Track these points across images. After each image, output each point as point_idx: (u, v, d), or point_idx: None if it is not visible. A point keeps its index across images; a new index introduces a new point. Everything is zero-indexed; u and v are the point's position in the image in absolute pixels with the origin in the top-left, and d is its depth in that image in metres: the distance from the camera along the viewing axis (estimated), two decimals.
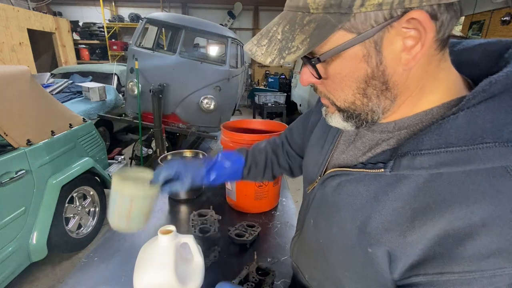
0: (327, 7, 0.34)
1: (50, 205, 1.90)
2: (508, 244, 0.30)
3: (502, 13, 5.01)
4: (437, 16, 0.33)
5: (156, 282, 0.53)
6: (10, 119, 1.74)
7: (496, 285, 0.30)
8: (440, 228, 0.33)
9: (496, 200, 0.31)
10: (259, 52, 0.38)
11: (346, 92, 0.39)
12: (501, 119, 0.31)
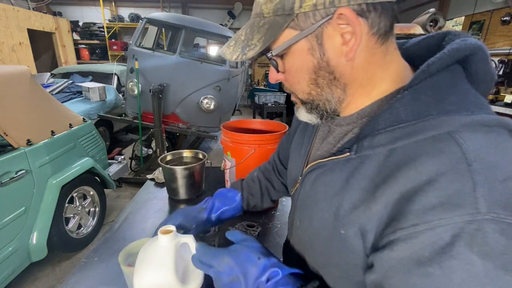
0: (276, 10, 0.42)
1: (50, 205, 1.90)
2: (449, 197, 0.32)
3: (502, 13, 5.01)
4: (365, 14, 0.39)
5: (156, 282, 0.53)
6: (10, 119, 1.74)
7: (440, 235, 0.32)
8: (396, 192, 0.36)
9: (439, 159, 0.34)
10: (228, 51, 0.46)
11: (302, 84, 0.46)
12: (442, 93, 0.37)
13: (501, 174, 0.32)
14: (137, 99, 3.40)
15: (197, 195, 1.33)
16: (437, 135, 0.35)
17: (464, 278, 0.30)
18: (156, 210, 1.21)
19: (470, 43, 0.40)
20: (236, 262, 0.47)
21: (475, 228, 0.30)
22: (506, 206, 0.30)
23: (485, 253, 0.30)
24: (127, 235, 1.03)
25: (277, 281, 0.44)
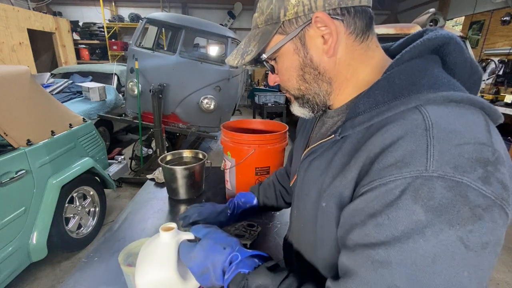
0: (266, 21, 0.50)
1: (50, 205, 1.90)
2: (404, 156, 0.35)
3: (502, 13, 5.01)
4: (339, 16, 0.45)
5: (158, 278, 0.54)
6: (10, 119, 1.74)
7: (391, 190, 0.35)
8: (365, 157, 0.40)
9: (402, 126, 0.38)
10: (231, 59, 0.54)
11: (292, 80, 0.52)
12: (414, 76, 0.42)
13: (456, 139, 0.34)
14: (137, 99, 3.40)
15: (197, 195, 1.33)
16: (406, 109, 0.39)
17: (408, 228, 0.33)
18: (156, 210, 1.21)
19: (441, 34, 0.44)
20: (204, 256, 0.53)
21: (421, 183, 0.33)
22: (456, 166, 0.33)
23: (430, 206, 0.33)
24: (127, 235, 1.03)
25: (237, 263, 0.50)
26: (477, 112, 0.38)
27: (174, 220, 1.16)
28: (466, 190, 0.33)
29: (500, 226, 0.34)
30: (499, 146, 0.36)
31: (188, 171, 1.25)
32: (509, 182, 0.35)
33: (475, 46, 5.56)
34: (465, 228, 0.32)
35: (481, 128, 0.36)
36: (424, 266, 0.33)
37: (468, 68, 0.46)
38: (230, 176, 1.19)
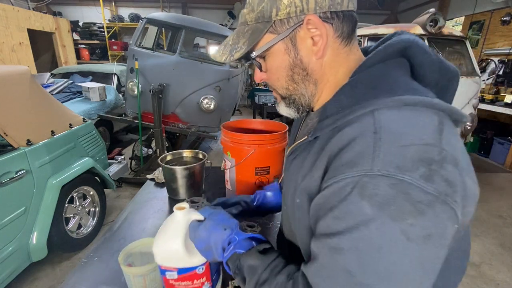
0: (257, 19, 0.50)
1: (50, 205, 1.90)
2: (354, 157, 0.39)
3: (502, 13, 5.01)
4: (330, 20, 0.47)
5: (168, 249, 0.62)
6: (10, 119, 1.74)
7: (343, 187, 0.39)
8: (327, 156, 0.44)
9: (356, 128, 0.42)
10: (218, 54, 0.54)
11: (281, 80, 0.54)
12: (375, 81, 0.46)
13: (402, 141, 0.38)
14: (137, 99, 3.40)
15: (197, 195, 1.33)
16: (363, 113, 0.43)
17: (357, 220, 0.37)
18: (156, 210, 1.21)
19: (402, 39, 0.48)
20: (207, 235, 0.58)
21: (367, 181, 0.37)
22: (399, 166, 0.36)
23: (375, 202, 0.36)
24: (127, 235, 1.03)
25: (235, 244, 0.54)
26: (431, 114, 0.41)
27: None
28: (408, 187, 0.36)
29: (444, 220, 0.36)
30: (449, 146, 0.39)
31: (188, 171, 1.25)
32: (457, 180, 0.38)
33: (475, 46, 5.56)
34: (406, 221, 0.35)
35: (430, 130, 0.39)
36: (371, 254, 0.36)
37: (436, 69, 0.48)
38: (230, 176, 1.19)
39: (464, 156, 0.41)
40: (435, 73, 0.48)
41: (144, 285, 0.73)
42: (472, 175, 0.42)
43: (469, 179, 0.40)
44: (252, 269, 0.50)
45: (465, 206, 0.39)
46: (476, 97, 3.10)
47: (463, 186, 0.38)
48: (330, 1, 0.46)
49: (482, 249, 2.45)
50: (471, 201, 0.40)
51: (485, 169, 4.22)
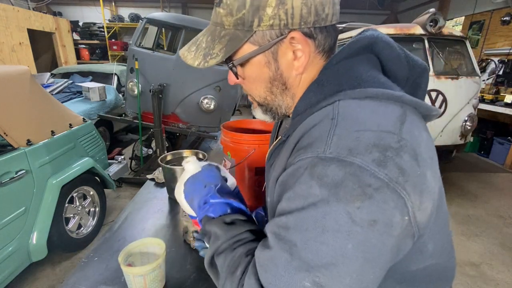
0: (236, 25, 0.46)
1: (50, 205, 1.90)
2: (312, 141, 0.40)
3: (502, 13, 5.01)
4: (313, 35, 0.46)
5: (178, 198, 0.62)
6: (10, 119, 1.74)
7: (298, 168, 0.40)
8: (294, 143, 0.45)
9: (316, 117, 0.43)
10: (189, 56, 0.50)
11: (259, 90, 0.52)
12: (340, 77, 0.46)
13: (357, 126, 0.38)
14: (137, 99, 3.39)
15: None
16: (327, 104, 0.44)
17: (305, 199, 0.38)
18: (156, 210, 1.21)
19: (366, 35, 0.48)
20: (190, 189, 0.59)
21: (317, 162, 0.38)
22: (351, 149, 0.37)
23: (324, 183, 0.36)
24: (127, 235, 1.03)
25: (209, 206, 0.54)
26: (394, 106, 0.41)
27: (173, 220, 1.16)
28: (357, 170, 0.36)
29: (392, 208, 0.36)
30: (410, 136, 0.39)
31: None
32: (414, 171, 0.37)
33: (475, 46, 5.56)
34: (353, 204, 0.35)
35: (391, 119, 0.39)
36: (315, 234, 0.36)
37: (404, 63, 0.48)
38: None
39: (428, 150, 0.41)
40: (403, 68, 0.48)
41: (144, 285, 0.73)
42: (435, 170, 0.41)
43: (430, 173, 0.39)
44: (215, 237, 0.50)
45: (422, 202, 0.38)
46: (476, 97, 3.10)
47: (422, 179, 0.38)
48: (316, 17, 0.44)
49: (482, 249, 2.45)
50: (429, 196, 0.39)
51: (485, 169, 4.22)
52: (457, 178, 3.84)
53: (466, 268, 2.23)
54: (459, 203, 3.19)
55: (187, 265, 0.88)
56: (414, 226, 0.38)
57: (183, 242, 0.99)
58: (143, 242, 0.81)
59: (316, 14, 0.44)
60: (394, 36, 2.96)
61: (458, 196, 3.36)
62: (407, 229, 0.38)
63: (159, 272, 0.75)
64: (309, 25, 0.45)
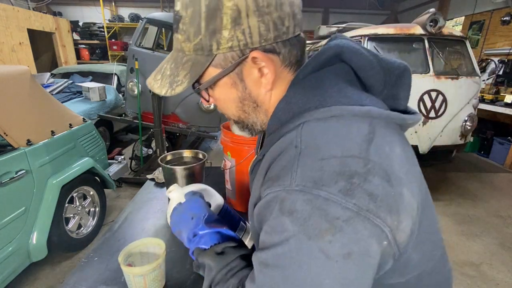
0: (195, 50, 0.45)
1: (50, 205, 1.90)
2: (279, 171, 0.40)
3: (502, 13, 5.01)
4: (276, 51, 0.45)
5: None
6: (10, 119, 1.74)
7: (269, 203, 0.40)
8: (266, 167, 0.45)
9: (282, 143, 0.43)
10: (156, 85, 0.49)
11: (232, 109, 0.52)
12: (307, 94, 0.44)
13: (320, 154, 0.37)
14: (137, 99, 3.39)
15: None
16: (294, 126, 0.43)
17: (280, 236, 0.37)
18: (156, 210, 1.21)
19: (330, 46, 0.46)
20: (177, 220, 0.59)
21: (285, 197, 0.37)
22: (316, 180, 0.36)
23: (294, 218, 0.36)
24: (127, 235, 1.03)
25: (199, 238, 0.54)
26: (361, 123, 0.40)
27: None
28: (324, 203, 0.35)
29: (366, 237, 0.35)
30: (379, 156, 0.37)
31: (188, 171, 1.24)
32: (386, 193, 0.36)
33: (475, 46, 5.56)
34: (324, 239, 0.34)
35: (356, 141, 0.38)
36: (292, 271, 0.36)
37: (378, 69, 0.45)
38: (230, 176, 1.19)
39: (403, 165, 0.39)
40: (377, 74, 0.45)
41: (144, 285, 0.73)
42: (411, 186, 0.39)
43: (406, 191, 0.38)
44: (208, 269, 0.51)
45: (400, 222, 0.37)
46: (476, 97, 3.10)
47: (397, 199, 0.36)
48: (276, 32, 0.43)
49: (482, 249, 2.45)
50: (408, 214, 0.38)
51: (485, 169, 4.22)
52: (457, 178, 3.84)
53: (466, 268, 2.23)
54: (459, 203, 3.19)
55: (187, 265, 0.89)
56: (394, 247, 0.38)
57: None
58: (143, 242, 0.81)
59: (276, 29, 0.43)
60: (394, 36, 2.97)
61: (458, 196, 3.35)
62: (386, 251, 0.37)
63: (159, 272, 0.75)
64: (270, 41, 0.43)
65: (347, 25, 4.13)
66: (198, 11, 0.42)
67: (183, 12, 0.43)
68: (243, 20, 0.41)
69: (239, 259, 0.50)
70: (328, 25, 4.79)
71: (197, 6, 0.42)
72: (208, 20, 0.42)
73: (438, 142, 3.00)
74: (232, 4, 0.40)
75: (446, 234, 2.64)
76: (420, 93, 2.83)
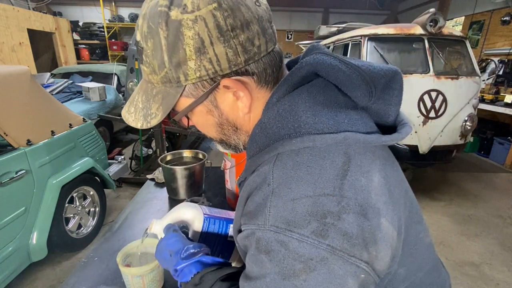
0: (164, 82, 0.43)
1: (50, 205, 1.90)
2: (254, 208, 0.40)
3: (502, 13, 5.01)
4: (250, 72, 0.42)
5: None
6: (10, 119, 1.74)
7: (247, 237, 0.40)
8: (246, 197, 0.44)
9: (257, 177, 0.42)
10: (130, 118, 0.48)
11: (212, 133, 0.51)
12: (281, 120, 0.42)
13: (293, 194, 0.36)
14: None
15: (197, 195, 1.33)
16: (269, 157, 0.42)
17: (258, 272, 0.38)
18: (156, 210, 1.21)
19: (303, 65, 0.43)
20: (160, 259, 0.58)
21: (260, 236, 0.37)
22: (289, 222, 0.35)
23: (270, 257, 0.36)
24: (127, 235, 1.03)
25: (180, 273, 0.53)
26: (333, 155, 0.38)
27: None
28: (297, 245, 0.35)
29: (341, 276, 0.35)
30: (353, 190, 0.36)
31: (188, 171, 1.25)
32: (362, 229, 0.35)
33: (475, 46, 5.56)
34: (299, 277, 0.35)
35: (329, 177, 0.37)
36: None
37: (357, 82, 0.40)
38: (230, 176, 1.19)
39: (381, 194, 0.38)
40: (359, 87, 0.41)
41: (142, 285, 0.73)
42: (391, 215, 0.38)
43: (385, 221, 0.37)
44: None
45: (378, 252, 0.36)
46: (476, 97, 3.10)
47: (374, 232, 0.36)
48: (246, 55, 0.40)
49: (482, 249, 2.45)
50: (387, 244, 0.37)
51: (485, 169, 4.22)
52: (457, 178, 3.84)
53: (466, 268, 2.23)
54: (459, 203, 3.19)
55: None
56: (374, 276, 0.37)
57: None
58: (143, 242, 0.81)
59: (246, 52, 0.40)
60: (394, 36, 2.97)
61: (458, 196, 3.36)
62: (365, 281, 0.37)
63: (157, 273, 0.75)
64: (240, 65, 0.41)
65: (347, 25, 4.13)
66: (158, 43, 0.40)
67: (144, 44, 0.42)
68: (208, 49, 0.39)
69: (219, 282, 0.49)
70: (328, 25, 4.78)
71: (156, 38, 0.40)
72: (170, 53, 0.39)
73: (438, 142, 3.00)
74: (192, 33, 0.38)
75: (446, 234, 2.64)
76: (420, 93, 2.83)
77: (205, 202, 1.15)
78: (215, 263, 0.54)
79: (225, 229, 0.72)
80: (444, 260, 2.27)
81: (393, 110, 0.45)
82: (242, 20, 0.39)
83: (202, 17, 0.38)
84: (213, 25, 0.38)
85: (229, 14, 0.38)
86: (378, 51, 2.96)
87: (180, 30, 0.38)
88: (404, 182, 0.47)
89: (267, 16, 0.43)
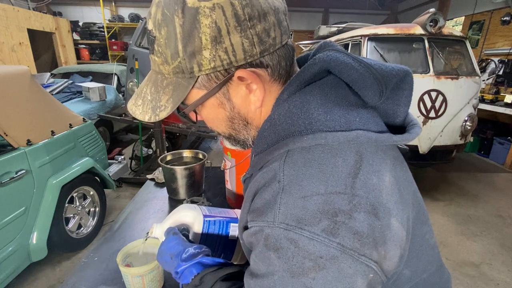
0: (176, 73, 0.42)
1: (50, 205, 1.90)
2: (263, 205, 0.39)
3: (502, 13, 5.01)
4: (264, 65, 0.42)
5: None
6: (10, 119, 1.74)
7: (255, 234, 0.40)
8: (253, 194, 0.43)
9: (267, 173, 0.41)
10: (138, 111, 0.47)
11: (221, 128, 0.50)
12: (292, 117, 0.41)
13: (303, 191, 0.36)
14: None
15: (197, 195, 1.33)
16: (279, 154, 0.41)
17: (266, 270, 0.37)
18: (156, 210, 1.21)
19: (315, 61, 0.42)
20: (162, 262, 0.58)
21: (269, 233, 0.37)
22: (299, 219, 0.35)
23: (279, 254, 0.36)
24: (127, 235, 1.03)
25: (181, 275, 0.53)
26: (346, 153, 0.38)
27: None
28: (307, 243, 0.34)
29: (351, 274, 0.35)
30: (365, 189, 0.36)
31: (188, 171, 1.25)
32: (372, 228, 0.35)
33: (475, 46, 5.56)
34: (308, 276, 0.34)
35: (341, 175, 0.36)
36: None
37: (369, 81, 0.40)
38: (230, 176, 1.19)
39: (392, 193, 0.38)
40: (371, 86, 0.40)
41: (142, 285, 0.73)
42: (400, 215, 0.38)
43: (395, 221, 0.37)
44: None
45: (387, 251, 0.36)
46: (476, 97, 3.10)
47: (384, 231, 0.36)
48: (262, 46, 0.40)
49: (482, 249, 2.45)
50: (396, 244, 0.37)
51: (485, 169, 4.22)
52: (457, 178, 3.84)
53: (466, 268, 2.23)
54: (459, 203, 3.19)
55: None
56: (382, 276, 0.37)
57: None
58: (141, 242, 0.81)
59: (262, 43, 0.39)
60: (394, 36, 2.97)
61: (458, 196, 3.35)
62: (373, 280, 0.37)
63: (157, 273, 0.75)
64: (256, 56, 0.40)
65: (347, 25, 4.13)
66: (173, 31, 0.38)
67: (157, 33, 0.40)
68: (224, 38, 0.38)
69: (220, 282, 0.49)
70: (328, 25, 4.78)
71: (171, 27, 0.38)
72: (186, 42, 0.38)
73: (438, 142, 3.00)
74: (210, 22, 0.37)
75: (446, 234, 2.64)
76: (420, 93, 2.83)
77: (205, 202, 1.15)
78: (216, 263, 0.53)
79: (226, 229, 0.71)
80: (444, 260, 2.27)
81: (401, 111, 0.44)
82: (260, 10, 0.38)
83: (220, 5, 0.37)
84: (231, 14, 0.37)
85: (247, 3, 0.37)
86: (378, 51, 2.96)
87: (197, 18, 0.37)
88: (413, 182, 0.47)
89: (283, 8, 0.42)
